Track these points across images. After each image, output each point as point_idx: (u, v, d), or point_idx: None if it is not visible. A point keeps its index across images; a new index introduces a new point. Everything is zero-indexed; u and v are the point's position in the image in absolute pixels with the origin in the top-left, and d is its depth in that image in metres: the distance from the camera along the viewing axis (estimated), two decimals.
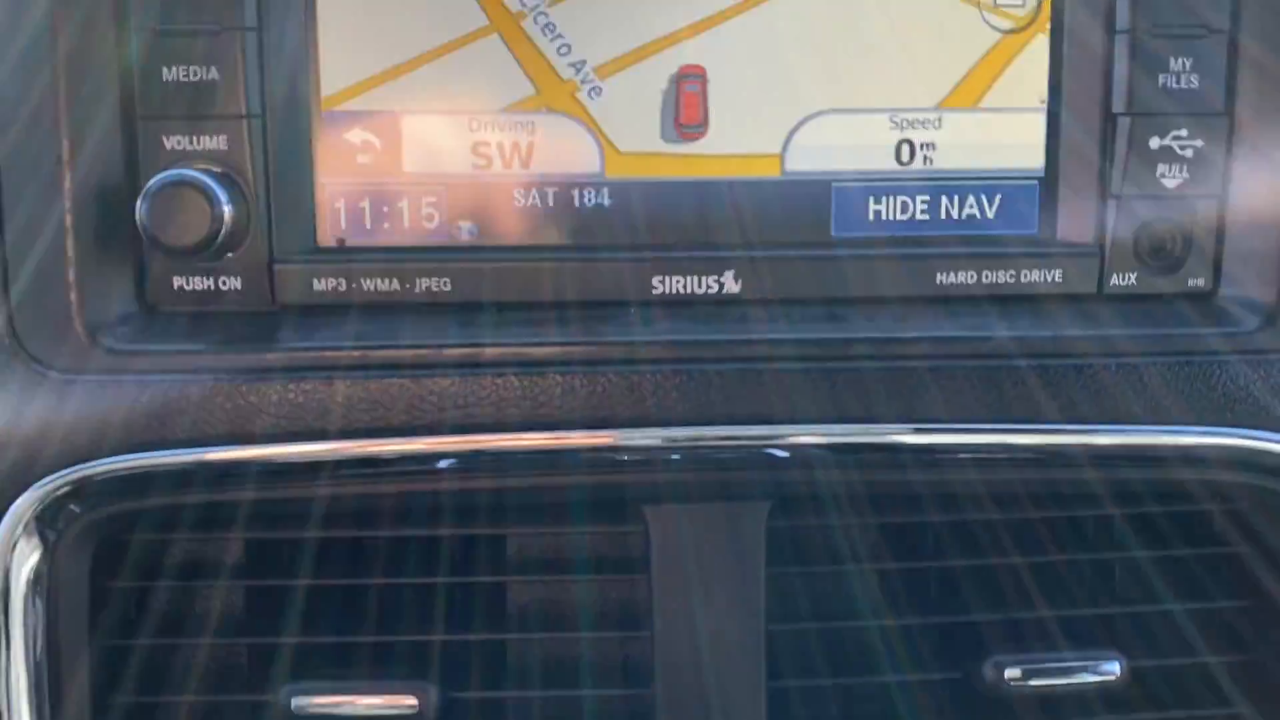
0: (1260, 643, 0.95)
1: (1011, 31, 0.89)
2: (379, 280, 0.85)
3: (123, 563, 0.89)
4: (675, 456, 0.85)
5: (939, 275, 0.88)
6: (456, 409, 0.83)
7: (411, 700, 0.86)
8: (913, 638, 0.95)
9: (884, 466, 0.88)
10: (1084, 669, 0.90)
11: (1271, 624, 0.94)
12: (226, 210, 0.81)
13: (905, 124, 0.89)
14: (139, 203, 0.80)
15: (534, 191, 0.87)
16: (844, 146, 0.89)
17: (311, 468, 0.83)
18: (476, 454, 0.84)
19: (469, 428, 0.83)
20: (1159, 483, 0.91)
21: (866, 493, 0.90)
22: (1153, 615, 0.96)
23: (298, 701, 0.86)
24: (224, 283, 0.85)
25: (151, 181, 0.80)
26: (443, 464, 0.83)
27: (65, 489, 0.82)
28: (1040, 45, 0.89)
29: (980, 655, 0.91)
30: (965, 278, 0.88)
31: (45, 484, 0.82)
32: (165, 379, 0.82)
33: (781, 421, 0.85)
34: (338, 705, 0.86)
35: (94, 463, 0.81)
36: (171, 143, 0.83)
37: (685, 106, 0.88)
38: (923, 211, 0.90)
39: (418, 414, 0.83)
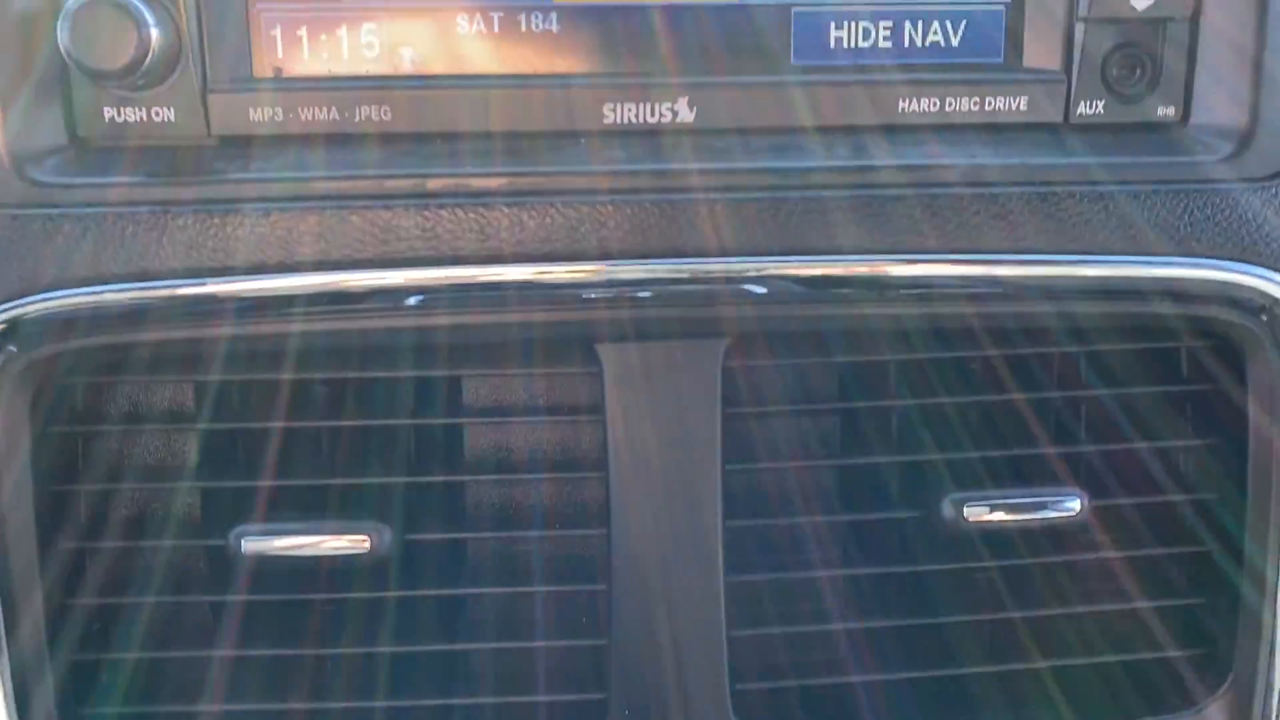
0: (1216, 483, 0.95)
1: None
2: (318, 110, 0.82)
3: (66, 408, 0.87)
4: (629, 291, 0.83)
5: (901, 103, 0.85)
6: (400, 242, 0.80)
7: (364, 540, 0.85)
8: (870, 479, 0.95)
9: (846, 301, 0.86)
10: (1044, 505, 0.90)
11: (1229, 464, 0.93)
12: (154, 33, 0.77)
13: None
14: (59, 23, 0.76)
15: (479, 16, 0.83)
16: None
17: (254, 304, 0.81)
18: (423, 288, 0.81)
19: (414, 262, 0.81)
20: (1125, 317, 0.89)
21: (827, 330, 0.88)
22: (1114, 457, 0.96)
23: (249, 544, 0.85)
24: (156, 114, 0.81)
25: (71, 1, 0.76)
26: (389, 299, 0.81)
27: None
28: None
29: (941, 495, 0.90)
30: (928, 105, 0.85)
31: None
32: (98, 212, 0.79)
33: (740, 254, 0.83)
34: (289, 546, 0.85)
35: (26, 299, 0.79)
36: None
37: None
38: (885, 39, 0.86)
39: (361, 248, 0.80)
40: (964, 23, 0.87)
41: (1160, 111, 0.87)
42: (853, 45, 0.86)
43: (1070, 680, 0.94)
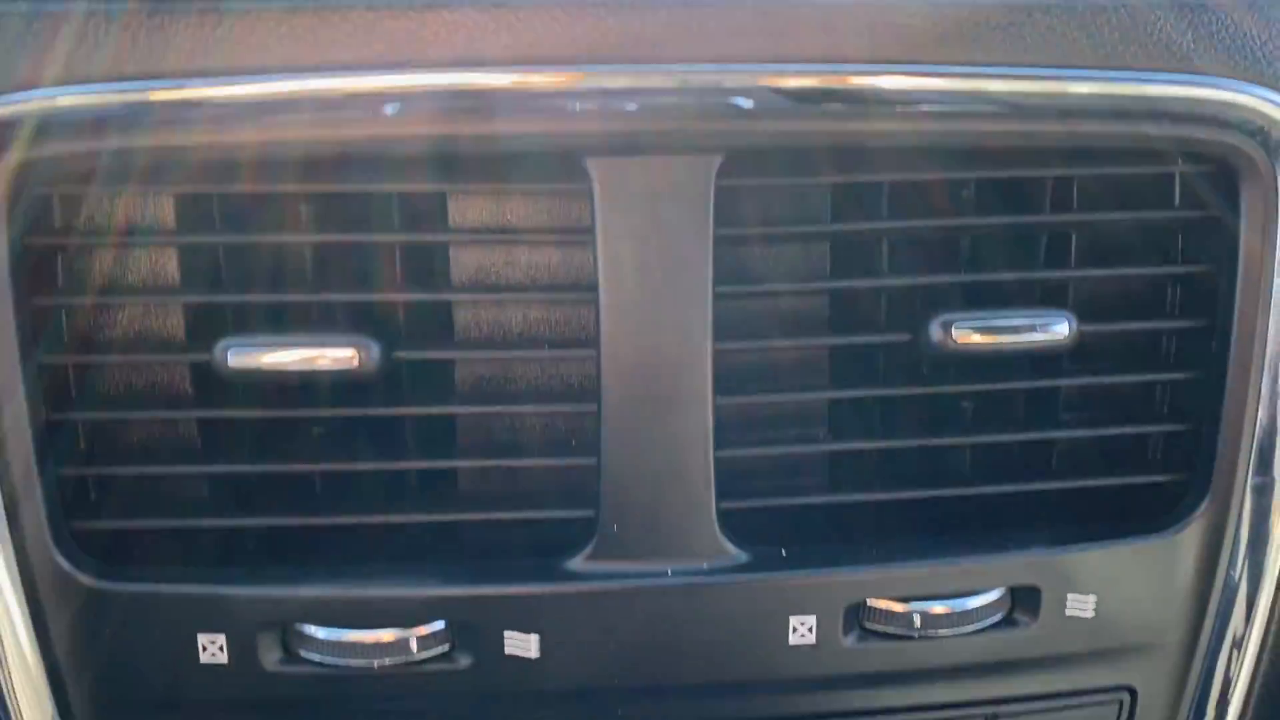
0: (1203, 312, 0.95)
1: None
2: None
3: (44, 221, 0.86)
4: (616, 101, 0.81)
5: None
6: (381, 44, 0.78)
7: (351, 355, 0.84)
8: (860, 304, 0.95)
9: (840, 116, 0.84)
10: (1033, 327, 0.90)
11: (1215, 291, 0.94)
12: None
13: None
14: None
15: None
16: None
17: (231, 109, 0.79)
18: (404, 93, 0.79)
19: (396, 66, 0.78)
20: (1120, 138, 0.88)
21: (821, 146, 0.87)
22: (1103, 283, 0.96)
23: (235, 357, 0.84)
24: None
25: None
26: (369, 104, 0.79)
27: None
28: None
29: (930, 318, 0.90)
30: None
31: None
32: (73, 9, 0.76)
33: (737, 62, 0.81)
34: (276, 361, 0.85)
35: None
36: None
37: None
38: None
39: (340, 51, 0.78)
40: None
41: None
42: None
43: (1052, 502, 0.96)
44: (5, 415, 0.84)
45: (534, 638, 0.89)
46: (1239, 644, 0.99)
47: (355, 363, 0.84)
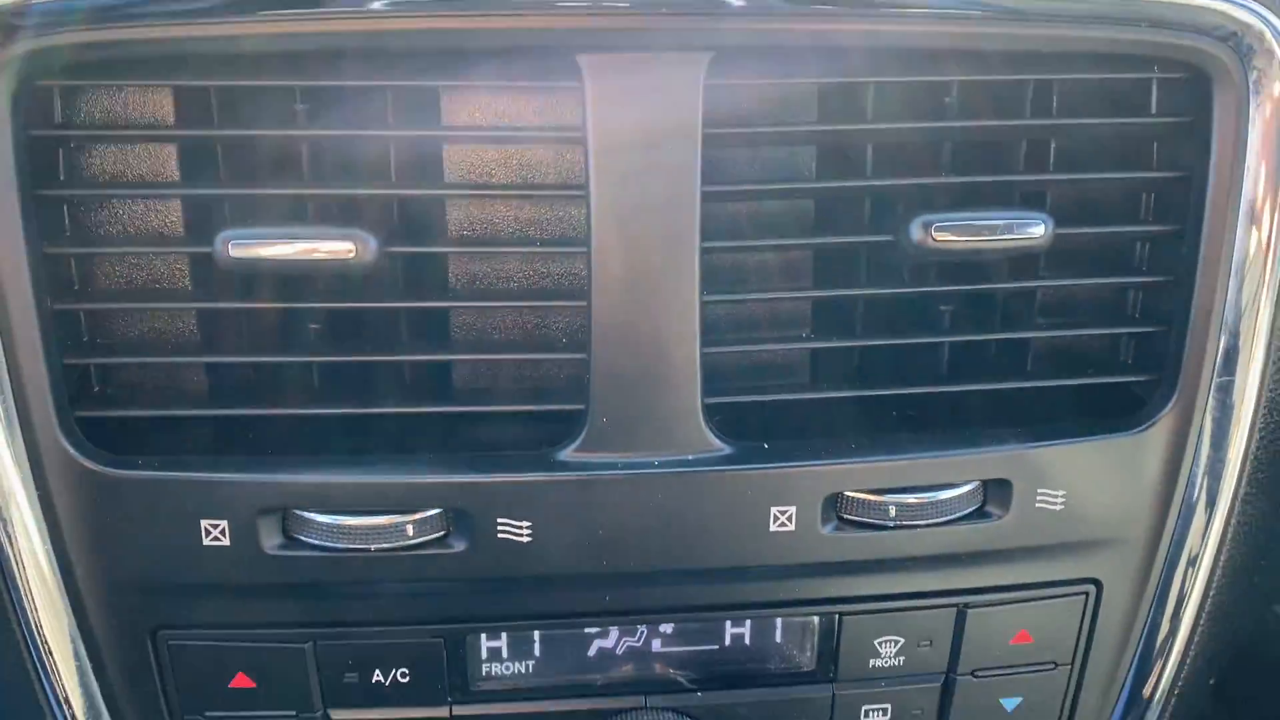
0: (1174, 217, 0.98)
1: None
2: None
3: (46, 114, 0.87)
4: None
5: None
6: None
7: (347, 247, 0.87)
8: (843, 205, 0.97)
9: (829, 17, 0.86)
10: (1010, 228, 0.92)
11: (1188, 196, 0.96)
12: None
13: None
14: None
15: None
16: None
17: (236, 2, 0.81)
18: None
19: None
20: (1100, 43, 0.90)
21: (808, 47, 0.89)
22: (1079, 187, 0.99)
23: (235, 248, 0.86)
24: None
25: None
26: None
27: None
28: None
29: (910, 218, 0.93)
30: None
31: None
32: None
33: None
34: (274, 253, 0.87)
35: None
36: None
37: None
38: None
39: None
40: None
41: None
42: None
43: (1026, 402, 1.00)
44: (11, 304, 0.87)
45: (526, 524, 0.93)
46: (1201, 539, 1.03)
47: (352, 255, 0.87)
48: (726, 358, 0.98)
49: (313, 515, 0.92)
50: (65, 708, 0.99)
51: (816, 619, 1.02)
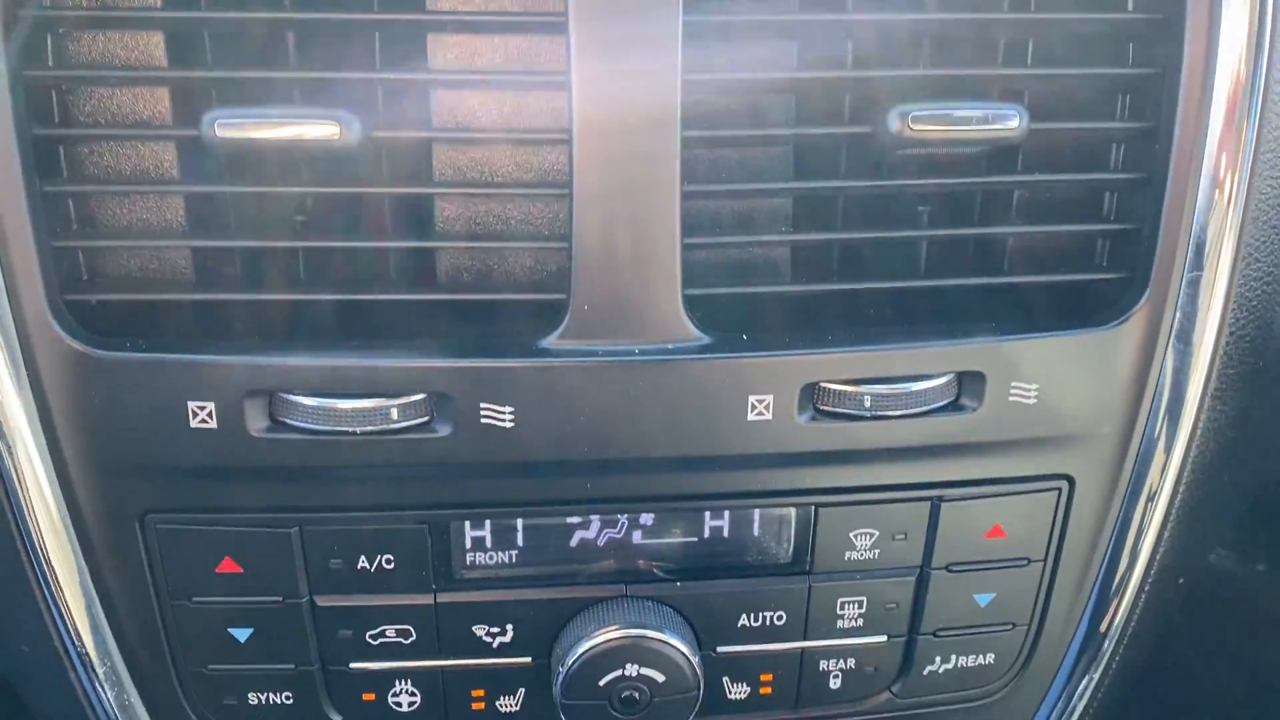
0: (1151, 114, 0.99)
1: None
2: None
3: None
4: None
5: None
6: None
7: (333, 128, 0.88)
8: (823, 97, 0.98)
9: None
10: (986, 119, 0.94)
11: (1161, 95, 0.98)
12: None
13: None
14: None
15: None
16: None
17: None
18: None
19: None
20: None
21: None
22: (1055, 81, 1.00)
23: (222, 130, 0.87)
24: None
25: None
26: None
27: None
28: None
29: (888, 109, 0.94)
30: None
31: None
32: None
33: None
34: (261, 132, 0.88)
35: None
36: None
37: None
38: None
39: None
40: None
41: None
42: None
43: (1002, 299, 1.01)
44: (2, 187, 0.88)
45: (508, 410, 0.94)
46: (1171, 436, 1.05)
47: (337, 136, 0.88)
48: (709, 256, 1.00)
49: (298, 398, 0.93)
50: (54, 592, 1.01)
51: (793, 511, 1.04)
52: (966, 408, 1.00)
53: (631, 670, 1.02)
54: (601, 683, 1.02)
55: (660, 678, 1.03)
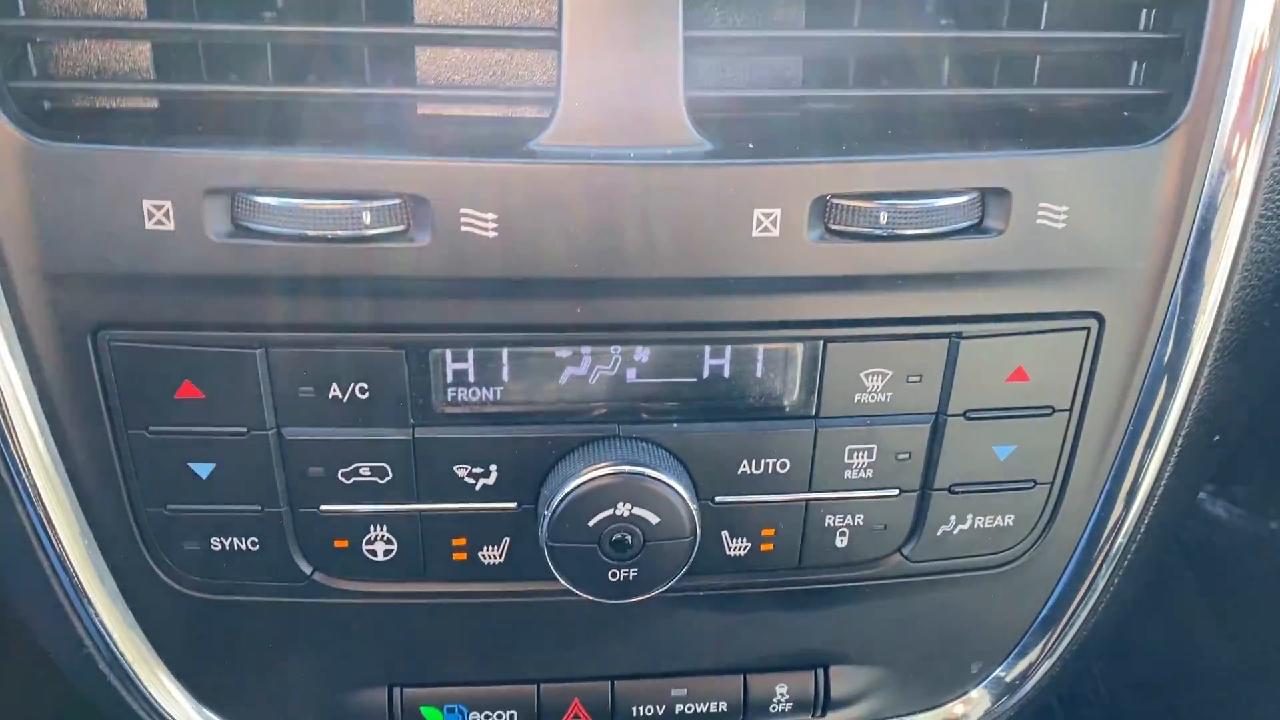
0: None
1: None
2: None
3: None
4: None
5: None
6: None
7: None
8: None
9: None
10: None
11: None
12: None
13: None
14: None
15: None
16: None
17: None
18: None
19: None
20: None
21: None
22: None
23: None
24: None
25: None
26: None
27: None
28: None
29: None
30: None
31: None
32: None
33: None
34: None
35: None
36: None
37: None
38: None
39: None
40: None
41: None
42: None
43: (1033, 118, 0.94)
44: None
45: (491, 216, 0.86)
46: (1210, 270, 0.97)
47: None
48: (713, 62, 0.92)
49: (262, 199, 0.85)
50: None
51: (800, 347, 0.96)
52: (990, 230, 0.91)
53: (623, 509, 0.95)
54: (591, 523, 0.95)
55: (654, 519, 0.95)
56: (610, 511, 0.95)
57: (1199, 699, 1.55)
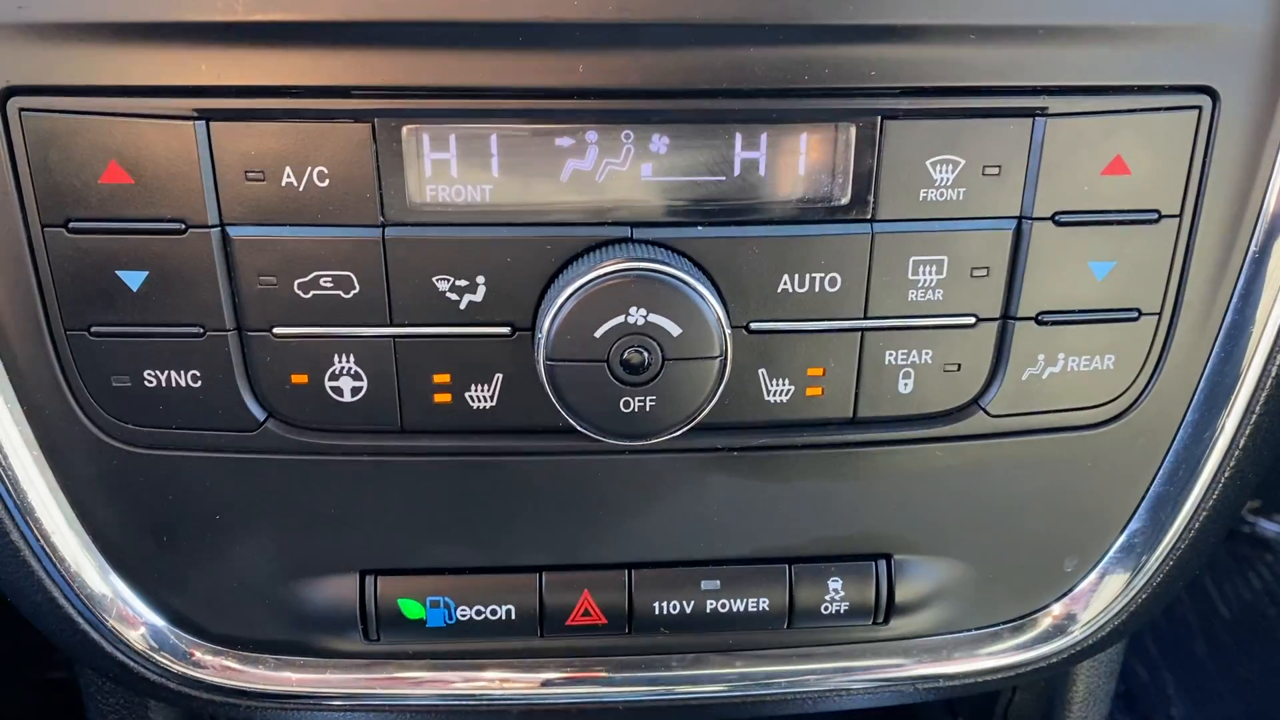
0: None
1: None
2: None
3: None
4: None
5: None
6: None
7: None
8: None
9: None
10: None
11: None
12: None
13: None
14: None
15: None
16: None
17: None
18: None
19: None
20: None
21: None
22: None
23: None
24: None
25: None
26: None
27: None
28: None
29: None
30: None
31: None
32: None
33: None
34: None
35: None
36: None
37: None
38: None
39: None
40: None
41: None
42: None
43: None
44: None
45: None
46: None
47: None
48: None
49: None
50: None
51: (852, 129, 0.79)
52: None
53: (638, 316, 0.77)
54: (598, 334, 0.77)
55: (675, 330, 0.78)
56: (622, 319, 0.77)
57: None
